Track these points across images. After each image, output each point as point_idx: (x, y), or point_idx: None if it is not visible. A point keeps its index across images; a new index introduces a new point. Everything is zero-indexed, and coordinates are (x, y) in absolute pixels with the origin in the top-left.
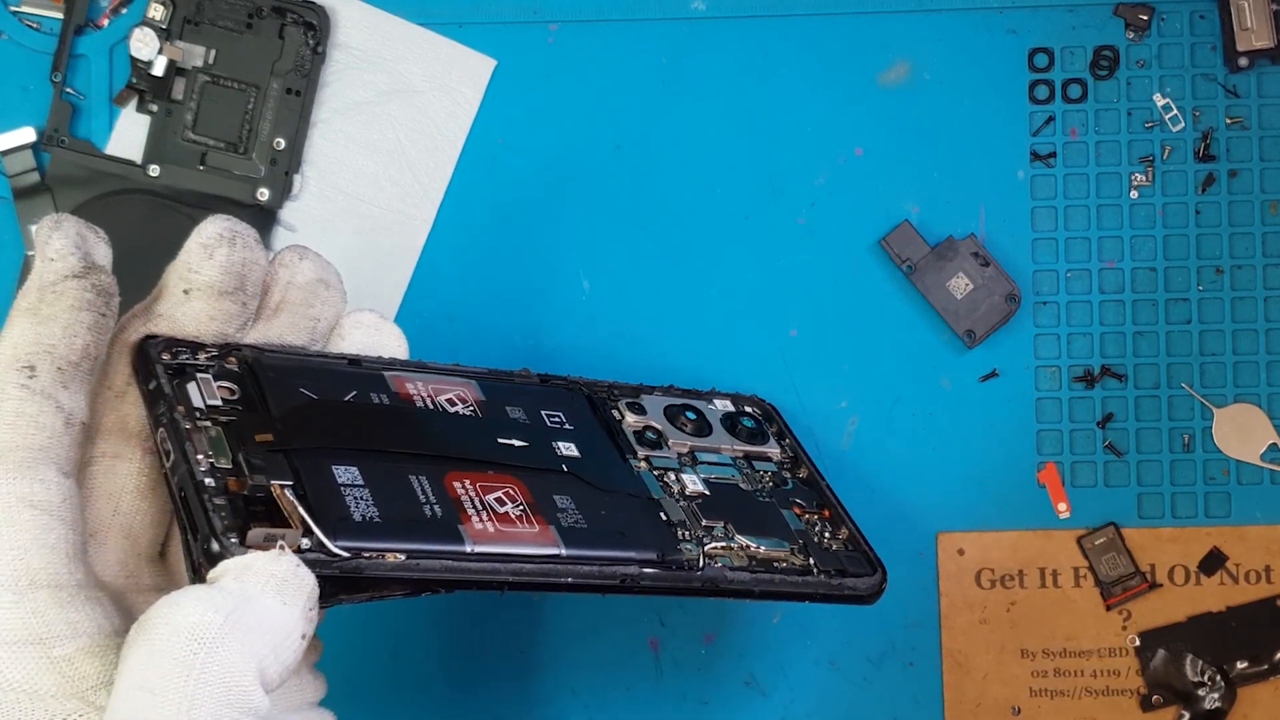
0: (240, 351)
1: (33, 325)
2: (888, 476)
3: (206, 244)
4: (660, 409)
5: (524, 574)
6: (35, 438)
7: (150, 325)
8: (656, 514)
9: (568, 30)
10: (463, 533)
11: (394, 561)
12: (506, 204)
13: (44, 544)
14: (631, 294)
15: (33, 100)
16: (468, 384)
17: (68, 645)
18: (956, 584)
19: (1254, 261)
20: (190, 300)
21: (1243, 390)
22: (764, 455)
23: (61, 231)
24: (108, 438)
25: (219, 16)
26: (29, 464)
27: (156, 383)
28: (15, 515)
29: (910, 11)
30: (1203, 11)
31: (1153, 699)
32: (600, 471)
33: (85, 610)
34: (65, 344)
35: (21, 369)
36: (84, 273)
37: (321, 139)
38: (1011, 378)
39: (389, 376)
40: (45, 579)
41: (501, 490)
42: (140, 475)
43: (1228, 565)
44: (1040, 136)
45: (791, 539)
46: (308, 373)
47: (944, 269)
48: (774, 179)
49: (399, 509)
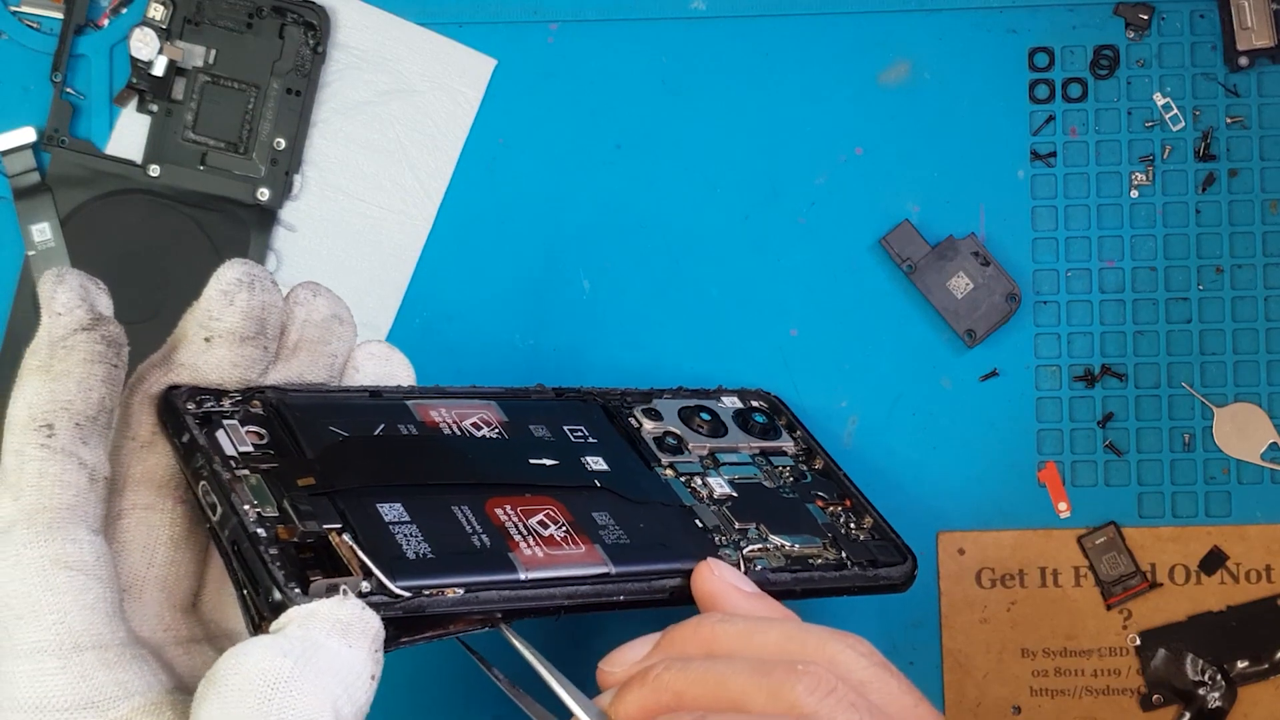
0: (263, 394)
1: (46, 383)
2: (888, 476)
3: (226, 290)
4: (674, 412)
5: (578, 596)
6: (61, 497)
7: (172, 375)
8: (692, 522)
9: (568, 30)
10: (514, 560)
11: (453, 597)
12: (506, 204)
13: (83, 604)
14: (632, 294)
15: (33, 100)
16: (488, 405)
17: (122, 707)
18: (957, 583)
19: (1254, 261)
20: (212, 348)
21: (1243, 389)
22: (779, 450)
23: (66, 285)
24: (137, 489)
25: (219, 16)
26: (59, 524)
27: (190, 435)
28: (51, 578)
29: (910, 11)
30: (1203, 11)
31: (1153, 698)
32: (631, 483)
33: (133, 669)
34: (81, 399)
35: (39, 428)
36: (93, 325)
37: (322, 139)
38: (1012, 377)
39: (412, 405)
40: (89, 640)
41: (542, 513)
42: (174, 525)
43: (1228, 565)
44: (1040, 136)
45: (821, 534)
46: (333, 409)
47: (944, 268)
48: (774, 179)
49: (449, 543)
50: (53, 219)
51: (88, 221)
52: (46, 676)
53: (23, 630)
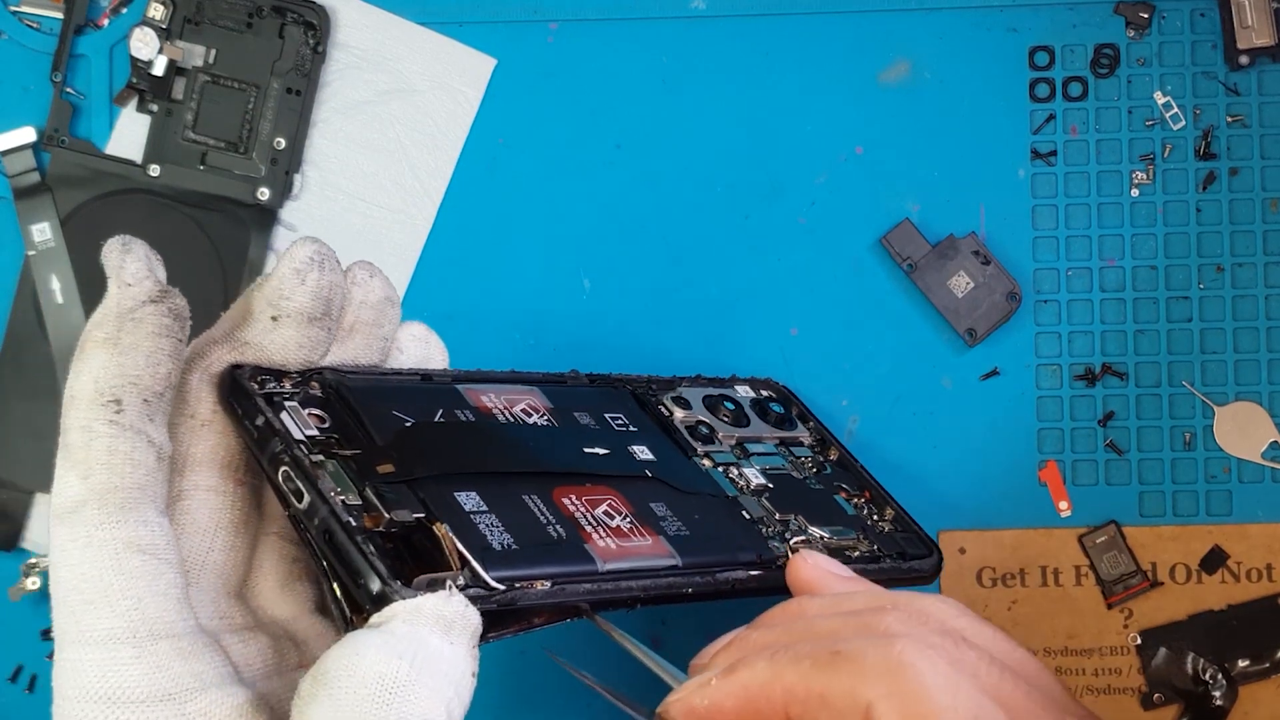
0: (321, 375)
1: (114, 356)
2: (889, 475)
3: (299, 269)
4: (700, 400)
5: (653, 589)
6: (133, 476)
7: (236, 354)
8: (739, 513)
9: (568, 29)
10: (590, 552)
11: (542, 589)
12: (506, 204)
13: (156, 590)
14: (632, 293)
15: (33, 100)
16: (532, 391)
17: (200, 700)
18: (958, 583)
19: (1255, 259)
20: (279, 328)
21: (1244, 388)
22: (797, 440)
23: (134, 255)
24: (198, 470)
25: (219, 16)
26: (130, 505)
27: (265, 418)
28: (124, 562)
29: (911, 10)
30: (1203, 9)
31: (1154, 697)
32: (678, 473)
33: (206, 659)
34: (150, 374)
35: (108, 404)
36: (161, 296)
37: (322, 139)
38: (1012, 376)
39: (462, 390)
40: (163, 629)
41: (606, 503)
42: (234, 509)
43: (1229, 563)
44: (1041, 135)
45: (852, 525)
46: (391, 393)
47: (945, 267)
48: (774, 178)
49: (529, 534)
50: (53, 219)
51: (88, 221)
52: (121, 666)
53: (93, 617)
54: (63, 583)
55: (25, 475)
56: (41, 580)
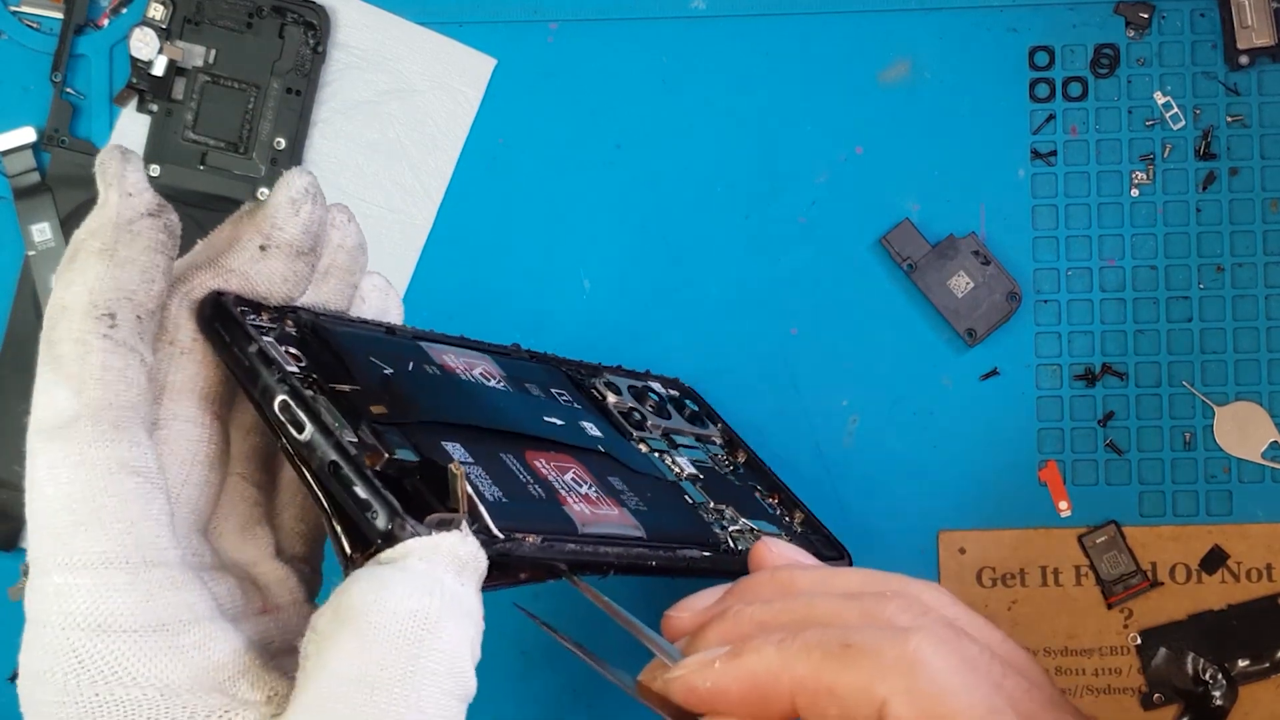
0: (296, 314)
1: (110, 268)
2: (889, 475)
3: (296, 199)
4: (627, 389)
5: (624, 558)
6: (126, 394)
7: (219, 280)
8: (682, 497)
9: (568, 29)
10: (569, 514)
11: (533, 543)
12: (506, 204)
13: (149, 515)
14: (632, 293)
15: (33, 100)
16: (484, 358)
17: (192, 632)
18: (958, 582)
19: (1255, 259)
20: (267, 258)
21: (1244, 388)
22: (710, 439)
23: (134, 164)
24: (177, 399)
25: (219, 16)
26: (124, 424)
27: (258, 347)
28: (119, 482)
29: (911, 10)
30: (1203, 9)
31: (1154, 697)
32: (624, 452)
33: (195, 590)
34: (144, 290)
35: (102, 317)
36: (158, 210)
37: (322, 139)
38: (1012, 376)
39: (425, 347)
40: (155, 555)
41: (571, 471)
42: (211, 443)
43: (1229, 563)
44: (1041, 135)
45: (775, 523)
46: (364, 340)
47: (945, 267)
48: (774, 178)
49: (512, 489)
50: (53, 219)
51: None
52: (113, 593)
53: (85, 539)
54: (49, 502)
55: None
56: None
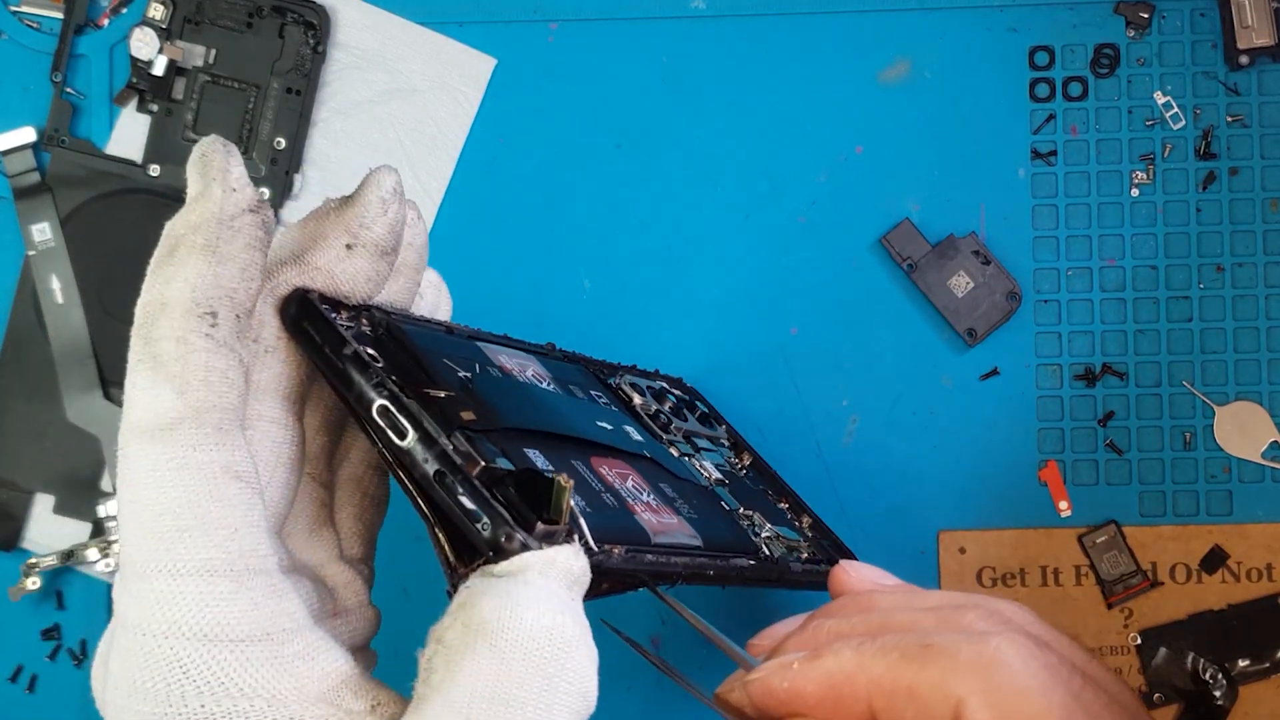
0: (371, 312)
1: (212, 265)
2: (889, 475)
3: (385, 198)
4: (646, 389)
5: (690, 567)
6: (227, 396)
7: (305, 278)
8: (719, 503)
9: (568, 29)
10: (640, 524)
11: (620, 555)
12: (506, 204)
13: (250, 522)
14: (632, 293)
15: (33, 100)
16: (531, 360)
17: (296, 641)
18: (958, 582)
19: (1255, 259)
20: (353, 256)
21: (1244, 388)
22: (719, 440)
23: (235, 159)
24: (262, 399)
25: (219, 16)
26: (226, 428)
27: (353, 349)
28: (222, 488)
29: (911, 10)
30: (1203, 9)
31: (1154, 697)
32: (664, 458)
33: (293, 599)
34: (244, 289)
35: (204, 315)
36: (258, 207)
37: (322, 139)
38: (1012, 376)
39: (482, 347)
40: (257, 563)
41: (630, 479)
42: (294, 445)
43: (1229, 563)
44: (1041, 134)
45: (789, 527)
46: (435, 340)
47: (945, 267)
48: (774, 177)
49: (590, 499)
50: (53, 219)
51: (88, 221)
52: (220, 601)
53: (188, 545)
54: (150, 506)
55: (25, 475)
56: (41, 580)
